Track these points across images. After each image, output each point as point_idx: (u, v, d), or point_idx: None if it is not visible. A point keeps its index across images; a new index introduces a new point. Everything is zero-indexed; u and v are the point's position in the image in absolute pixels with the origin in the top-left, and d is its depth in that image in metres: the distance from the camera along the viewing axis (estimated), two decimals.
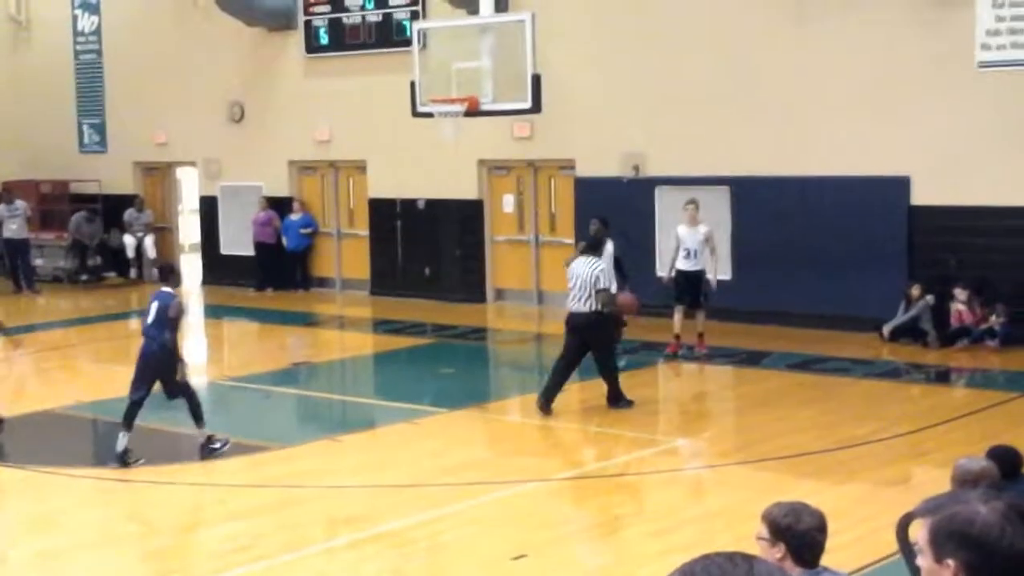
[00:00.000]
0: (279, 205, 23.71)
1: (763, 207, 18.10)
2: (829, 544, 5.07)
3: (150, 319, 11.74)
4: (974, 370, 15.76)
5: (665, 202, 18.95)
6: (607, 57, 19.54)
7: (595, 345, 13.31)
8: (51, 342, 19.37)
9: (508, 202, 21.39)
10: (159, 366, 11.71)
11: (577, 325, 13.29)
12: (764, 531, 5.00)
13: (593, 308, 13.10)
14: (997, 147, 16.48)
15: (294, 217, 23.54)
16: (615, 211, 19.38)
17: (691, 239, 16.09)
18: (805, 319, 17.51)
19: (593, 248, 13.75)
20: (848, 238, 17.40)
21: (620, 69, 19.44)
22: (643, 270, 18.53)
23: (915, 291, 16.61)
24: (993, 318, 16.22)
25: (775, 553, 4.91)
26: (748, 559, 2.50)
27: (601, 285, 13.16)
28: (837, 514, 9.09)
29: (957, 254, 16.66)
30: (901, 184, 17.13)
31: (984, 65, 16.44)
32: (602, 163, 19.66)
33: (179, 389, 11.85)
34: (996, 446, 7.22)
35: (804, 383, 14.79)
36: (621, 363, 14.20)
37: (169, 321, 11.65)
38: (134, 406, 11.70)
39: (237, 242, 24.34)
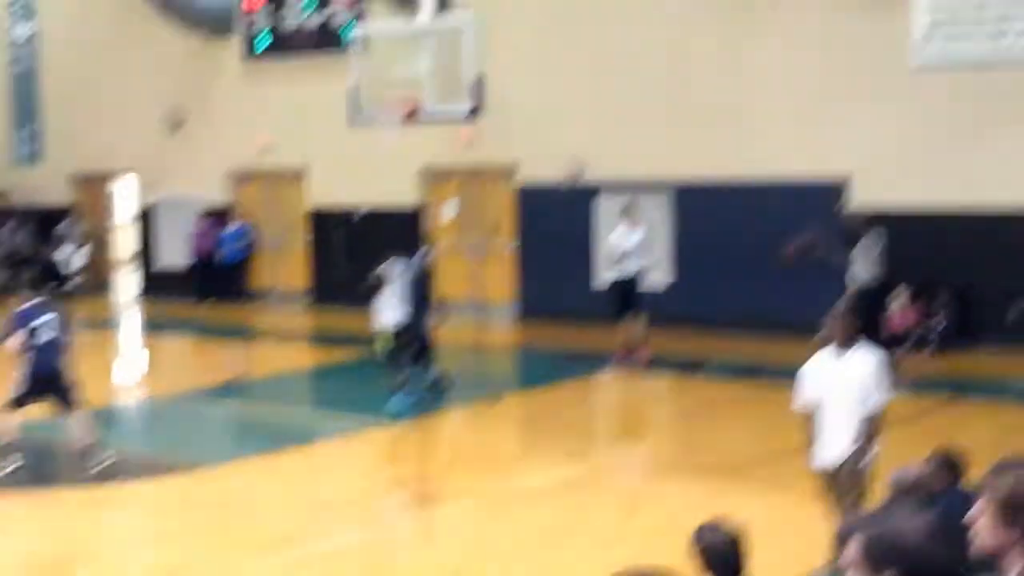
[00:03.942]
0: (217, 216, 23.41)
1: (704, 212, 18.08)
2: (768, 555, 5.01)
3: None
4: (913, 375, 15.76)
5: (606, 208, 18.87)
6: (548, 63, 19.45)
7: None
8: None
9: (449, 209, 21.21)
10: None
11: None
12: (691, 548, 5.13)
13: None
14: (932, 148, 16.54)
15: (231, 228, 23.25)
16: (556, 219, 19.35)
17: (630, 240, 15.98)
18: (745, 325, 17.48)
19: None
20: (787, 242, 17.35)
21: (561, 75, 19.36)
22: (585, 278, 18.49)
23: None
24: (933, 321, 16.26)
25: (696, 567, 4.99)
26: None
27: None
28: (774, 524, 9.02)
29: (897, 256, 16.65)
30: (840, 187, 17.14)
31: (920, 66, 16.46)
32: (544, 170, 19.55)
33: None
34: (938, 450, 7.16)
35: (743, 392, 14.72)
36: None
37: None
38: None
39: (174, 254, 24.01)
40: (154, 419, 15.22)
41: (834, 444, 7.76)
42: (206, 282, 23.32)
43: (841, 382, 7.69)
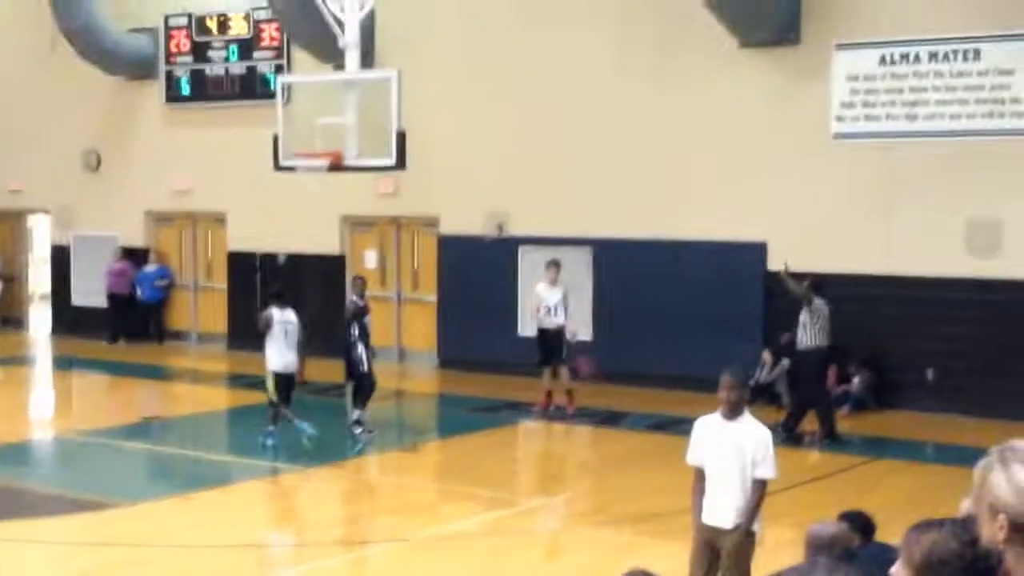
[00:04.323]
0: (134, 256, 23.18)
1: (624, 269, 18.26)
2: None
3: None
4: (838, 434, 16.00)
5: (528, 261, 18.99)
6: (472, 116, 19.60)
7: None
8: None
9: (371, 258, 21.22)
10: None
11: None
12: None
13: None
14: (849, 215, 16.90)
15: (149, 268, 23.03)
16: (478, 270, 19.42)
17: (551, 298, 16.24)
18: (664, 380, 17.62)
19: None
20: (707, 301, 17.62)
21: (485, 128, 19.51)
22: (505, 328, 18.55)
23: (766, 356, 16.88)
24: (855, 382, 16.54)
25: None
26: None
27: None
28: None
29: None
30: (758, 249, 17.43)
31: (839, 136, 16.89)
32: (466, 221, 19.65)
33: None
34: (847, 512, 7.28)
35: (662, 444, 14.83)
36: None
37: None
38: None
39: (89, 292, 23.68)
40: (66, 456, 14.97)
41: (716, 508, 7.68)
42: (121, 321, 23.01)
43: (726, 450, 7.63)
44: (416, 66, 18.31)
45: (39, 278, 26.16)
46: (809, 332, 14.72)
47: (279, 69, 20.93)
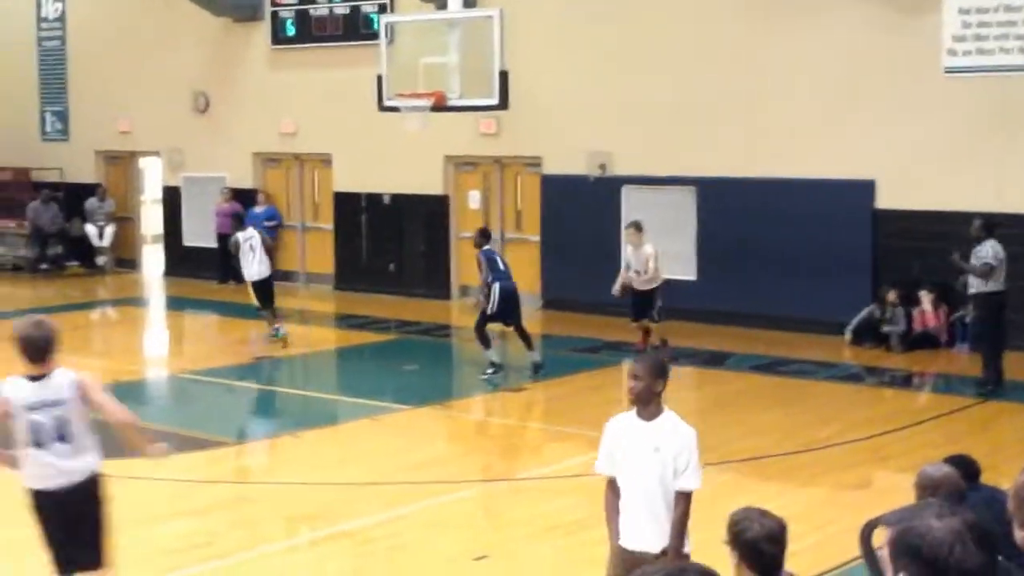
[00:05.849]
0: (243, 197, 23.52)
1: (729, 208, 18.09)
2: (790, 548, 5.00)
3: None
4: (937, 374, 15.79)
5: (632, 202, 18.91)
6: (575, 55, 19.48)
7: None
8: (6, 332, 19.12)
9: (474, 198, 21.29)
10: None
11: None
12: (726, 536, 4.97)
13: None
14: (961, 152, 16.53)
15: (258, 209, 23.34)
16: (581, 210, 19.39)
17: (636, 260, 16.23)
18: (769, 321, 17.52)
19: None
20: (813, 241, 17.41)
21: (588, 67, 19.39)
22: (608, 269, 18.51)
23: (891, 296, 16.59)
24: (956, 321, 16.26)
25: (732, 559, 4.88)
26: (702, 572, 2.50)
27: None
28: (798, 518, 9.05)
29: (921, 258, 16.67)
30: (866, 188, 17.15)
31: (951, 71, 16.48)
32: (569, 161, 19.59)
33: None
34: (952, 456, 7.19)
35: (766, 385, 14.77)
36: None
37: None
38: None
39: (200, 233, 24.14)
40: (179, 395, 15.34)
41: (639, 529, 6.23)
42: (230, 262, 23.38)
43: (643, 456, 6.17)
44: (518, 4, 18.23)
45: (151, 219, 26.70)
46: (992, 274, 14.02)
47: (382, 9, 20.98)
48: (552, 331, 18.53)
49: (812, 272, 17.33)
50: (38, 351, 6.90)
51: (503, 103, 16.06)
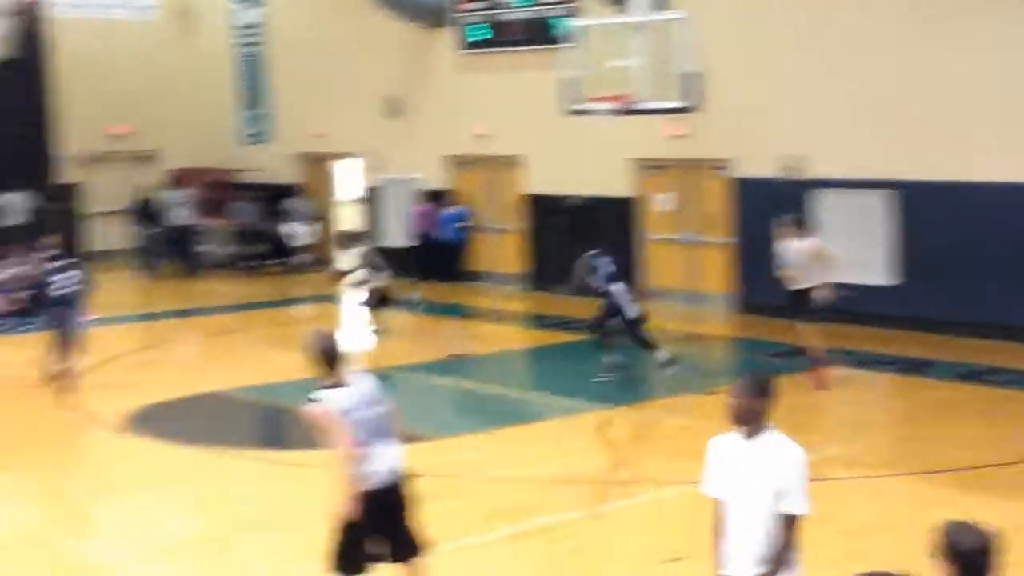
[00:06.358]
0: (436, 198, 24.07)
1: (929, 212, 17.70)
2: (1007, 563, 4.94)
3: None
4: None
5: (823, 204, 18.71)
6: (766, 56, 19.36)
7: None
8: (215, 326, 20.02)
9: (662, 201, 21.34)
10: None
11: None
12: (934, 548, 4.84)
13: None
14: None
15: (450, 210, 23.87)
16: (772, 213, 19.25)
17: (790, 255, 14.96)
18: (973, 328, 17.07)
19: None
20: (1017, 246, 16.92)
21: (779, 68, 19.23)
22: None
23: None
24: None
25: (941, 573, 4.73)
26: None
27: None
28: (1005, 534, 8.90)
29: None
30: None
31: None
32: (759, 163, 19.49)
33: None
34: None
35: (971, 395, 14.41)
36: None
37: None
38: None
39: (394, 234, 24.78)
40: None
41: (738, 554, 5.89)
42: (424, 261, 24.01)
43: (747, 477, 5.85)
44: (706, 5, 18.22)
45: (348, 219, 27.47)
46: None
47: (568, 13, 21.20)
48: (745, 335, 18.44)
49: (1018, 278, 16.81)
50: (337, 359, 7.30)
51: (691, 105, 16.10)
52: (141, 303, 22.01)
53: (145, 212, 25.99)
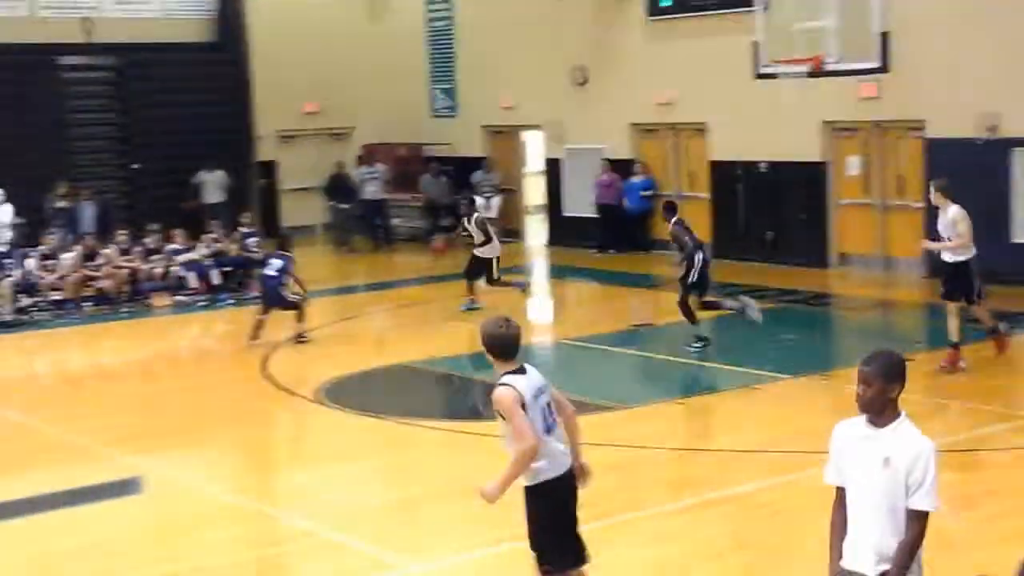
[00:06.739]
0: (620, 167, 24.02)
1: None
2: None
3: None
4: None
5: (1022, 164, 18.02)
6: (960, 14, 18.70)
7: None
8: (407, 298, 20.45)
9: (853, 164, 20.87)
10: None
11: None
12: None
13: None
14: None
15: (635, 179, 23.81)
16: (968, 175, 18.64)
17: (941, 224, 13.74)
18: None
19: None
20: None
21: (974, 26, 18.58)
22: (998, 235, 17.76)
23: None
24: None
25: None
26: None
27: None
28: None
29: None
30: None
31: None
32: (954, 123, 18.86)
33: None
34: None
35: None
36: None
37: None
38: None
39: (579, 203, 24.85)
40: (564, 361, 15.94)
41: (858, 549, 5.44)
42: (609, 231, 24.02)
43: (869, 468, 5.38)
44: None
45: (534, 190, 27.68)
46: None
47: None
48: (937, 300, 17.94)
49: None
50: (516, 349, 7.01)
51: (884, 66, 15.68)
52: (334, 277, 22.59)
53: (337, 188, 26.63)
